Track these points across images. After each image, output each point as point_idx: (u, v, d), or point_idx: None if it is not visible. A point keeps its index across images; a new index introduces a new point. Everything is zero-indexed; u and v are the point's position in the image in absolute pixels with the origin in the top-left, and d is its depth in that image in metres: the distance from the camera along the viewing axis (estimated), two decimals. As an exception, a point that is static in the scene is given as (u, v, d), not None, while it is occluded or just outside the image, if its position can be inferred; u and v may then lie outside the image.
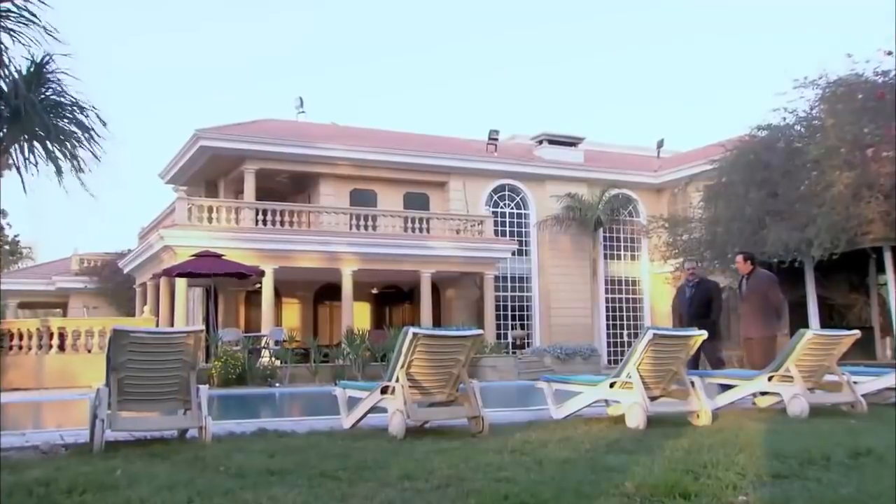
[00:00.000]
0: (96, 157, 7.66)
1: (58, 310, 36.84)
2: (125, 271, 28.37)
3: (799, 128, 19.82)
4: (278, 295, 23.76)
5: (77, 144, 7.52)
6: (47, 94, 7.56)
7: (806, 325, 17.73)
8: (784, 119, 19.85)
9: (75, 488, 3.99)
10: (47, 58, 7.47)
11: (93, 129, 7.60)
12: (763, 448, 5.17)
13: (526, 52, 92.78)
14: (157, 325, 20.93)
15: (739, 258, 10.03)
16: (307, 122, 29.28)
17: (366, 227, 23.19)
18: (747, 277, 9.81)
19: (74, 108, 7.52)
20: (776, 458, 4.74)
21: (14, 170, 7.53)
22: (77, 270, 35.33)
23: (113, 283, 33.61)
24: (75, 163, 7.62)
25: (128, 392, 5.86)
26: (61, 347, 18.29)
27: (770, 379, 7.83)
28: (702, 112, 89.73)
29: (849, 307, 21.87)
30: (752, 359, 9.77)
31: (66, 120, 7.53)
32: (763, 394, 8.27)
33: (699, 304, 9.83)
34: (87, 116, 7.79)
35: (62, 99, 7.53)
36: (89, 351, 18.13)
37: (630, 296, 29.83)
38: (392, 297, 27.80)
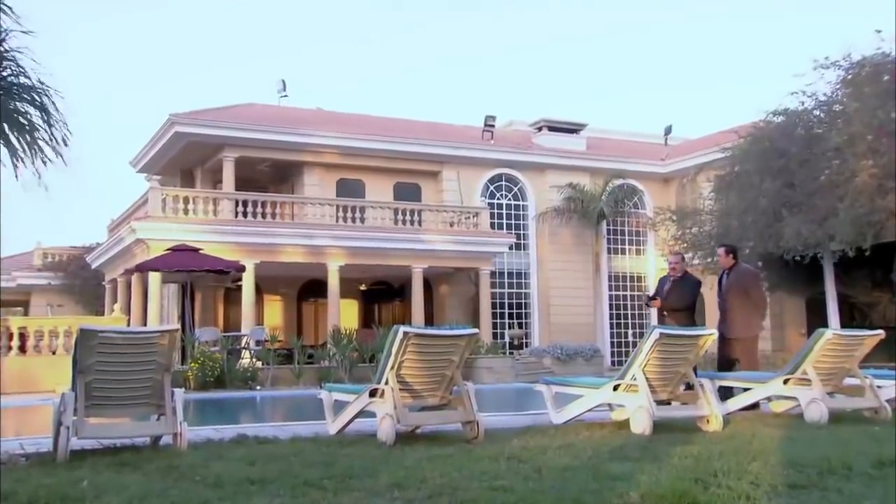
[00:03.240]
0: (63, 142, 7.60)
1: (18, 308, 36.65)
2: (93, 267, 28.30)
3: (819, 113, 19.79)
4: (259, 292, 23.74)
5: (37, 129, 7.46)
6: (3, 74, 7.49)
7: (825, 325, 17.78)
8: (802, 103, 19.81)
9: (37, 501, 3.97)
10: (3, 35, 7.40)
11: (55, 113, 7.55)
12: (778, 456, 5.17)
13: (524, 34, 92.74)
14: (129, 325, 20.88)
15: (721, 251, 9.97)
16: (290, 106, 29.21)
17: (353, 220, 23.17)
18: (728, 272, 9.74)
19: (34, 89, 7.45)
20: (793, 466, 4.74)
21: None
22: (40, 265, 35.17)
23: (80, 279, 33.49)
24: (36, 149, 7.56)
25: (96, 396, 5.83)
26: (22, 349, 18.19)
27: (786, 382, 7.84)
28: (713, 96, 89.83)
29: (872, 305, 21.93)
30: None
31: (24, 103, 7.46)
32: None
33: (676, 299, 9.72)
34: (50, 100, 7.73)
35: (20, 80, 7.46)
36: (53, 353, 18.05)
37: (635, 293, 29.88)
38: (381, 294, 27.80)
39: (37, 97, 7.51)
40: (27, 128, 7.47)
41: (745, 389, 8.30)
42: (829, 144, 18.23)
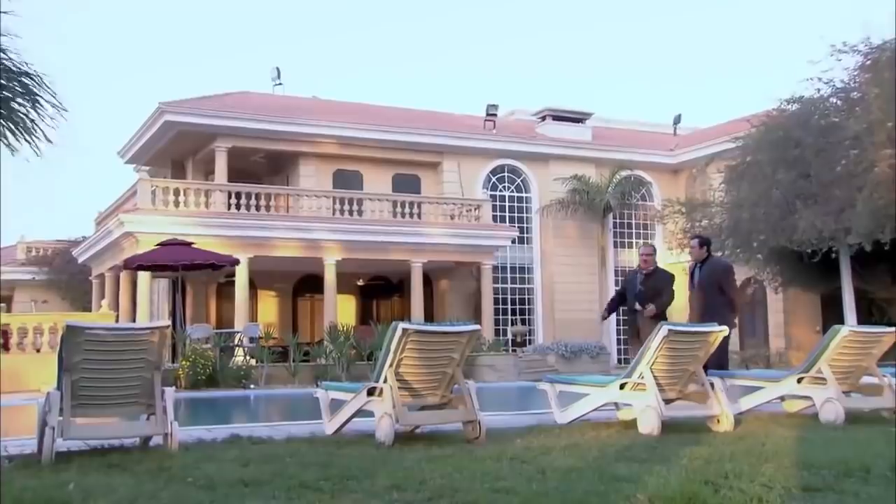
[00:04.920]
0: (45, 124, 7.59)
1: (1, 304, 36.60)
2: (80, 261, 28.30)
3: (835, 100, 19.73)
4: (253, 287, 23.73)
5: (23, 115, 7.45)
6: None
7: (841, 322, 17.76)
8: (818, 91, 19.74)
9: (21, 504, 3.97)
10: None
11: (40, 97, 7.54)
12: (792, 457, 5.17)
13: (527, 19, 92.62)
14: (117, 321, 20.90)
15: (695, 243, 9.77)
16: (285, 95, 29.20)
17: (350, 213, 23.17)
18: (700, 266, 9.57)
19: (19, 73, 7.45)
20: (807, 468, 4.74)
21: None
22: (24, 260, 35.12)
23: (66, 274, 33.46)
24: (21, 136, 7.56)
25: (83, 396, 5.83)
26: (5, 347, 18.22)
27: (800, 381, 7.84)
28: (724, 84, 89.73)
29: (891, 301, 21.88)
30: None
31: (9, 87, 7.45)
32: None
33: (650, 298, 9.54)
34: (38, 85, 7.72)
35: (5, 64, 7.45)
36: (38, 350, 18.09)
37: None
38: (379, 290, 27.82)
39: (22, 82, 7.51)
40: (12, 113, 7.46)
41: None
42: (847, 133, 18.16)
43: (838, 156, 18.79)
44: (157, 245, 18.81)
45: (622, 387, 7.19)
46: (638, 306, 9.60)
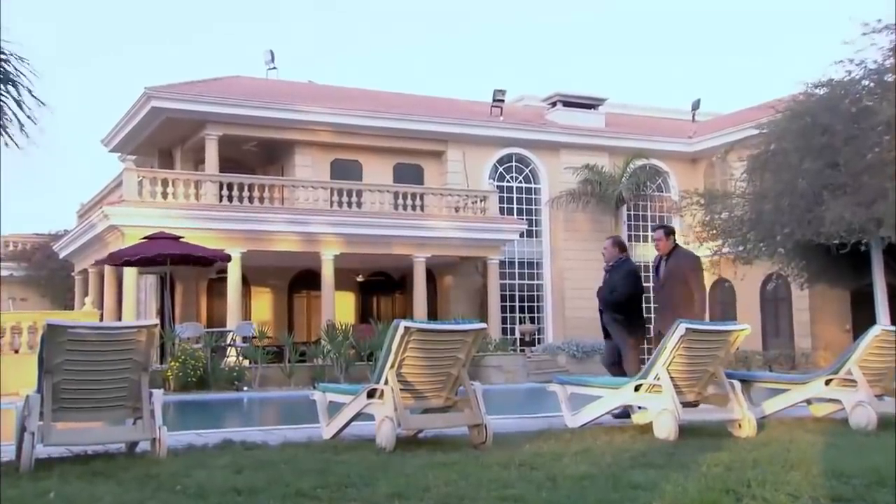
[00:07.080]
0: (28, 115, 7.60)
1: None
2: (61, 256, 28.41)
3: (868, 83, 19.58)
4: (247, 283, 23.77)
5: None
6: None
7: (872, 320, 17.70)
8: (849, 73, 19.56)
9: (-1, 514, 3.98)
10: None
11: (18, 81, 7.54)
12: (820, 465, 5.16)
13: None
14: (102, 320, 20.95)
15: (661, 234, 9.53)
16: (279, 80, 29.26)
17: (349, 204, 23.19)
18: (666, 258, 9.37)
19: None
20: (836, 477, 4.72)
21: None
22: (1, 255, 35.21)
23: (46, 270, 33.55)
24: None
25: (65, 399, 5.84)
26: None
27: (828, 383, 7.82)
28: (747, 67, 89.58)
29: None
30: None
31: None
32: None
33: (609, 291, 9.52)
34: (16, 69, 7.73)
35: None
36: (16, 351, 18.10)
37: (659, 285, 29.87)
38: (380, 286, 27.86)
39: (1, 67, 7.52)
40: None
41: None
42: (880, 118, 18.01)
43: (870, 143, 18.64)
44: (144, 239, 18.84)
45: (637, 389, 7.19)
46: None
